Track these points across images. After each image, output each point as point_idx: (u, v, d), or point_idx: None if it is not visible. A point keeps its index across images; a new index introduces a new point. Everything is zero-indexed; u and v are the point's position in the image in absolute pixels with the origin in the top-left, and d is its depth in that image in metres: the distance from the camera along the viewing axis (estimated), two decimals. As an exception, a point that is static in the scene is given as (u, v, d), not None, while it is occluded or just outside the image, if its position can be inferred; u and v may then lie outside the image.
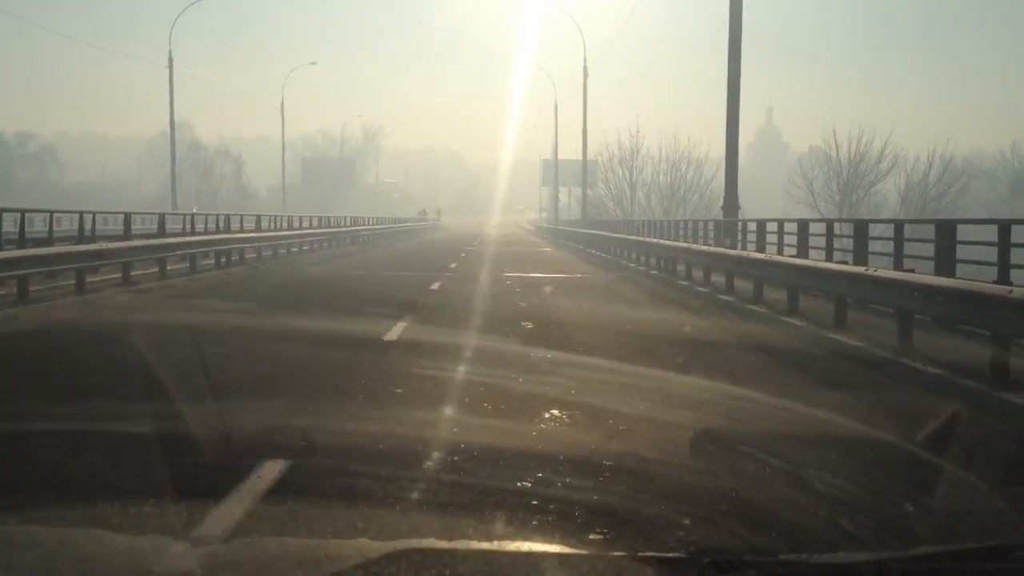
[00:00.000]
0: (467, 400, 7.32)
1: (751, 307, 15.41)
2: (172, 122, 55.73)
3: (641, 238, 32.63)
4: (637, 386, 7.99)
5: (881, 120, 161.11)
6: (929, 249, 13.79)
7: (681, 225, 33.36)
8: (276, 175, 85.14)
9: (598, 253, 36.76)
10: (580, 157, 62.19)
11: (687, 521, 4.09)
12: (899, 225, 15.43)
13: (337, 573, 1.57)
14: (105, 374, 8.37)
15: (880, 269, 11.43)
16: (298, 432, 5.91)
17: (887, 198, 66.05)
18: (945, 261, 13.07)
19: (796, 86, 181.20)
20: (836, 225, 19.13)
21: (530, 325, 12.70)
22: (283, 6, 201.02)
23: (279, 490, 4.62)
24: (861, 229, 16.31)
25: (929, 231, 14.36)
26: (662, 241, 28.35)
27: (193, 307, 15.40)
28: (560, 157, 74.00)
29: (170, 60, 53.14)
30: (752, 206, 47.26)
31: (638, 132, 75.79)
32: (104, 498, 4.23)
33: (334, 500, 4.40)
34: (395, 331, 11.36)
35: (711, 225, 28.93)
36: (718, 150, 29.63)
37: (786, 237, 20.98)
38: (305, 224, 44.51)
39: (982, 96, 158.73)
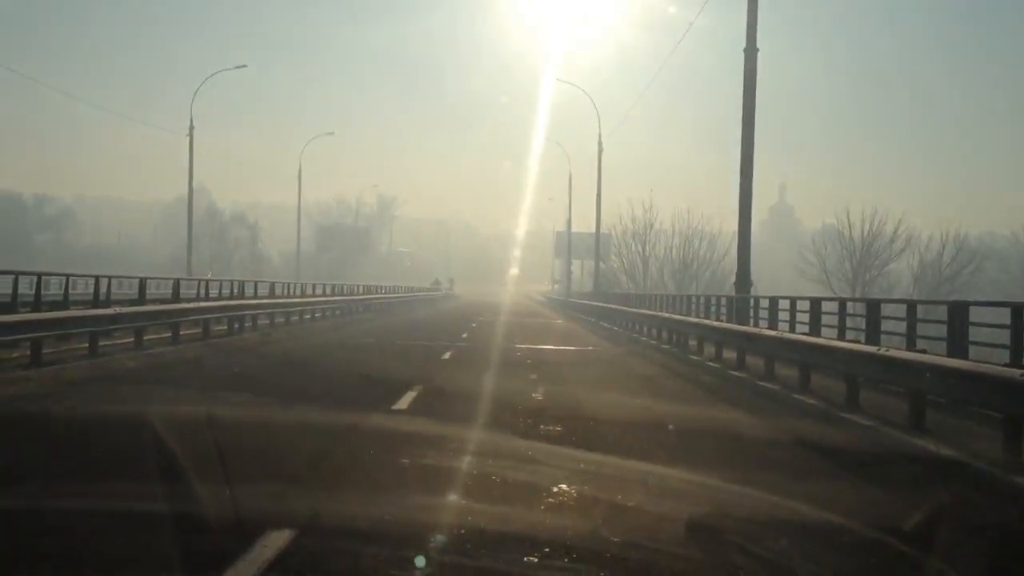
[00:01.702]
0: (470, 483, 7.16)
1: (762, 383, 15.34)
2: (191, 189, 56.41)
3: (652, 312, 32.66)
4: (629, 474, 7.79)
5: (894, 199, 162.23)
6: (942, 330, 13.78)
7: (693, 300, 33.41)
8: (290, 241, 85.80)
9: (609, 326, 36.75)
10: (593, 230, 62.48)
11: None
12: (911, 305, 15.43)
13: None
14: (113, 445, 8.24)
15: (892, 348, 11.39)
16: (303, 504, 5.88)
17: (900, 277, 66.27)
18: (957, 342, 13.05)
19: (809, 164, 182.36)
20: (849, 304, 19.13)
21: (540, 396, 12.69)
22: (303, 76, 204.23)
23: (283, 562, 4.60)
24: (874, 308, 16.32)
25: (942, 312, 14.36)
26: (673, 316, 28.40)
27: (202, 374, 15.42)
28: (573, 229, 74.37)
29: (191, 128, 54.00)
30: (763, 281, 47.35)
31: (651, 207, 76.48)
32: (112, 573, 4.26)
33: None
34: (404, 400, 11.35)
35: (723, 301, 28.96)
36: (731, 225, 29.83)
37: (798, 315, 20.99)
38: (319, 291, 44.68)
39: (994, 179, 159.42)
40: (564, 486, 6.79)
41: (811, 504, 6.58)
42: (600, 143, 56.05)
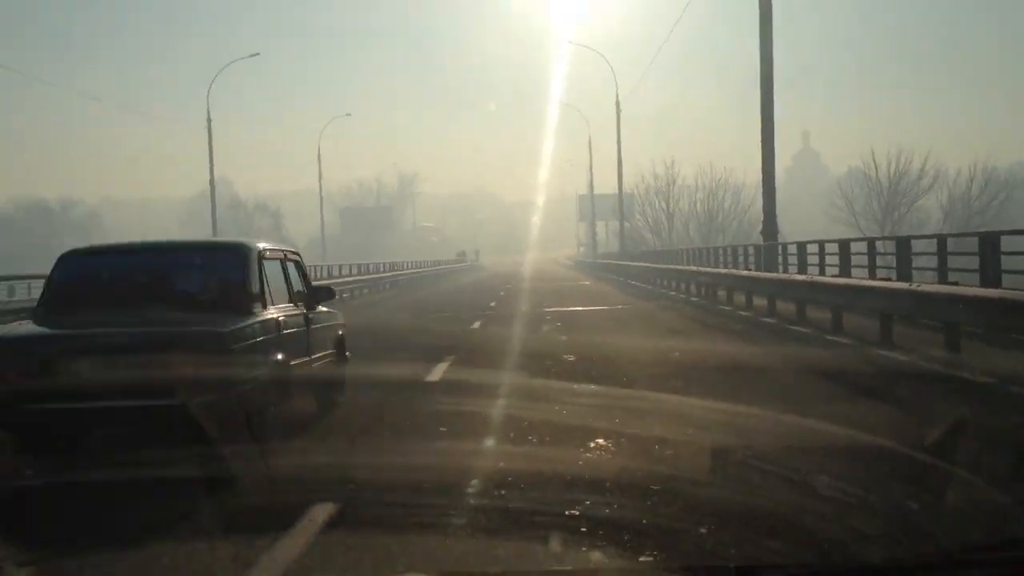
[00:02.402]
0: (511, 435, 7.25)
1: (795, 327, 15.22)
2: (212, 181, 56.66)
3: (680, 266, 32.49)
4: (681, 413, 7.92)
5: (919, 137, 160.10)
6: (974, 262, 13.58)
7: (720, 252, 33.18)
8: (315, 226, 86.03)
9: (638, 284, 36.63)
10: (615, 191, 62.17)
11: (706, 531, 4.31)
12: (942, 240, 15.19)
13: None
14: None
15: (923, 284, 11.23)
16: (348, 469, 6.01)
17: (930, 214, 65.36)
18: (990, 273, 12.85)
19: (833, 108, 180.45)
20: (879, 243, 18.91)
21: (572, 358, 12.62)
22: (316, 60, 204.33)
23: (331, 529, 4.65)
24: (904, 245, 16.10)
25: (973, 244, 14.14)
26: (701, 268, 28.23)
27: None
28: (596, 191, 73.99)
29: (208, 120, 54.09)
30: (793, 228, 46.94)
31: (673, 163, 75.82)
32: (155, 545, 4.28)
33: (386, 536, 4.47)
34: (437, 372, 11.31)
35: (751, 250, 28.75)
36: (755, 175, 29.53)
37: (828, 258, 20.77)
38: (345, 272, 44.68)
39: (1021, 108, 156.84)
40: (605, 428, 6.95)
41: (834, 424, 6.91)
42: (617, 104, 55.72)
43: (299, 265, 9.04)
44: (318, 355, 8.65)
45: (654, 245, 69.08)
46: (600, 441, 6.65)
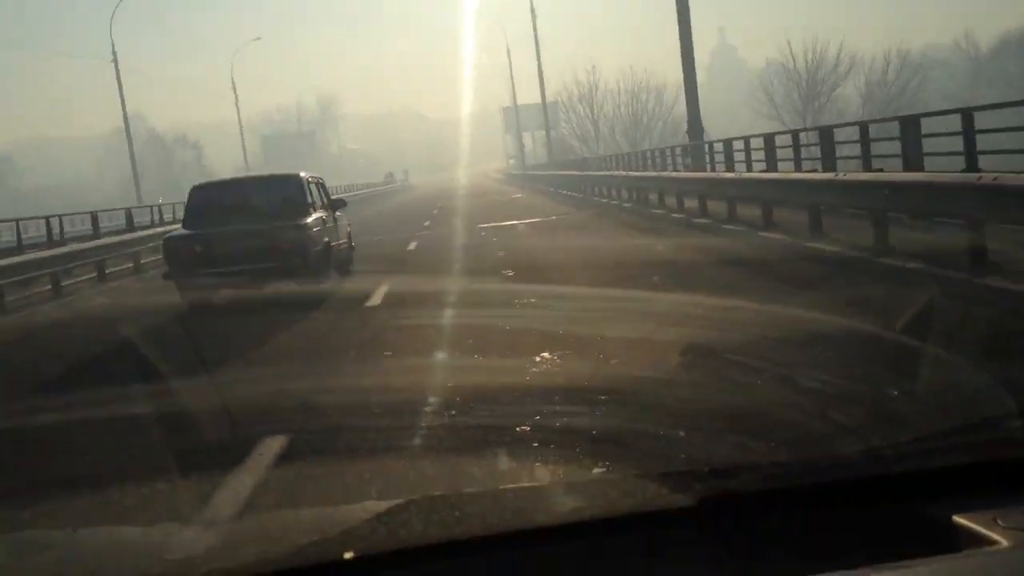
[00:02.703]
0: (458, 353, 7.31)
1: (727, 226, 15.47)
2: (125, 116, 55.22)
3: (609, 172, 32.62)
4: (623, 310, 8.06)
5: (834, 24, 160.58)
6: (897, 147, 13.80)
7: (648, 155, 33.34)
8: (237, 156, 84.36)
9: (569, 193, 36.73)
10: (540, 100, 61.83)
11: (684, 435, 4.27)
12: (864, 127, 15.42)
13: (349, 531, 1.60)
14: (103, 363, 8.69)
15: (849, 173, 11.45)
16: (297, 396, 6.00)
17: (849, 101, 66.14)
18: (912, 157, 13.10)
19: (745, 0, 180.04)
20: (803, 135, 19.14)
21: (511, 272, 12.70)
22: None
23: (284, 460, 4.62)
24: (827, 136, 16.31)
25: (895, 129, 14.35)
26: (630, 173, 28.39)
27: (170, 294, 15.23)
28: (520, 102, 73.53)
29: (114, 54, 52.47)
30: (717, 126, 47.09)
31: (594, 67, 75.55)
32: (109, 489, 4.22)
33: (338, 463, 4.44)
34: (376, 295, 11.28)
35: (678, 151, 28.92)
36: (676, 75, 29.53)
37: (754, 154, 20.98)
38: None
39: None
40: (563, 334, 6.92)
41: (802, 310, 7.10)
42: (532, 9, 55.07)
43: (323, 186, 14.59)
44: (342, 240, 14.34)
45: (582, 153, 69.06)
46: (557, 350, 6.63)
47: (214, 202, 13.21)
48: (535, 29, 55.82)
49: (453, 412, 5.19)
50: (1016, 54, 75.63)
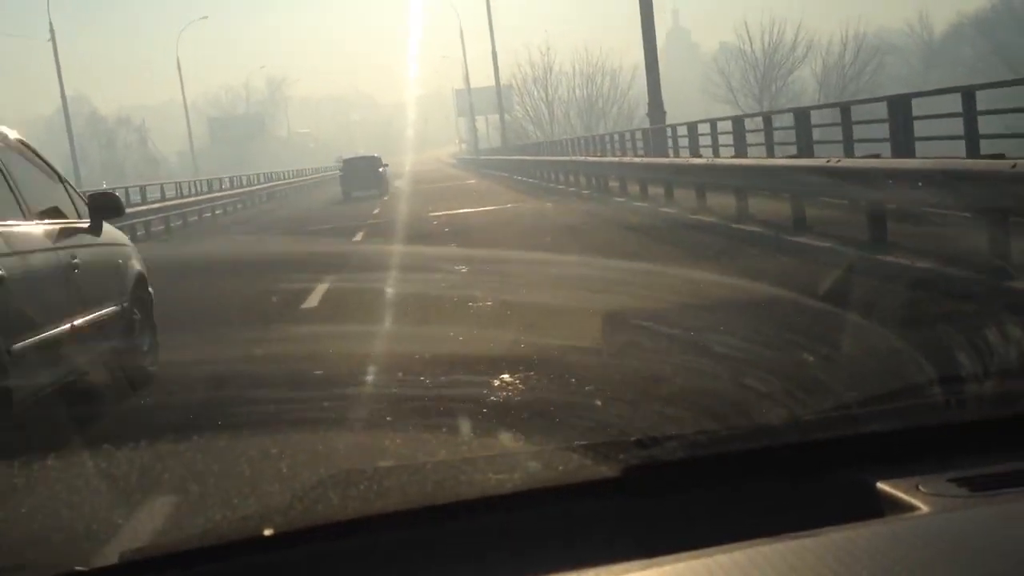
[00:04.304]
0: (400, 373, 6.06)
1: (696, 217, 14.30)
2: (63, 95, 53.35)
3: (567, 158, 31.39)
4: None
5: (788, 6, 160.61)
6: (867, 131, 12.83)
7: (607, 139, 32.18)
8: (184, 139, 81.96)
9: (524, 179, 35.45)
10: (492, 83, 60.47)
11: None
12: (845, 108, 14.26)
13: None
14: None
15: (842, 159, 10.20)
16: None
17: (805, 85, 65.44)
18: (903, 143, 12.05)
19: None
20: (774, 118, 18.05)
21: (464, 268, 11.45)
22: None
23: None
24: (802, 119, 15.21)
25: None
26: (589, 159, 27.13)
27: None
28: (473, 85, 72.01)
29: (51, 31, 50.43)
30: (672, 110, 46.16)
31: (548, 49, 74.10)
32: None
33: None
34: (315, 297, 9.99)
35: (639, 135, 27.80)
36: (631, 58, 28.58)
37: (720, 138, 19.90)
38: (216, 187, 41.94)
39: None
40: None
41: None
42: (487, -11, 53.67)
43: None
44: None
45: (536, 137, 67.78)
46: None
47: None
48: (489, 10, 54.45)
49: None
50: (971, 37, 75.52)
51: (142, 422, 4.77)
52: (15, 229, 5.14)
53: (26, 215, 5.42)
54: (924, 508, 1.41)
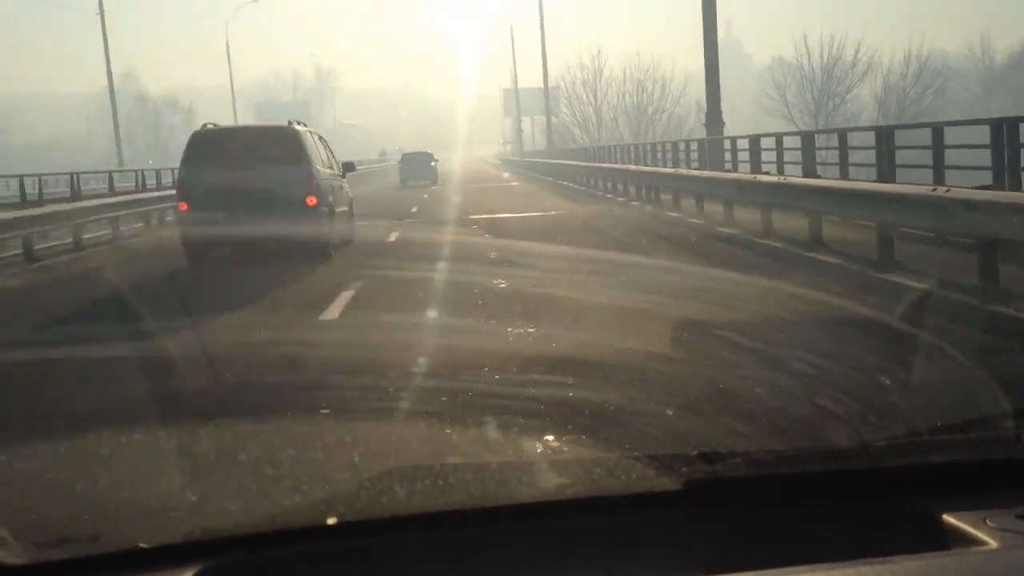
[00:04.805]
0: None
1: (763, 241, 13.00)
2: (109, 73, 52.83)
3: (619, 166, 30.10)
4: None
5: (848, 23, 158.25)
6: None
7: (659, 148, 30.88)
8: (229, 122, 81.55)
9: (569, 184, 34.21)
10: (541, 84, 59.31)
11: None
12: (938, 129, 12.88)
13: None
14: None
15: (954, 188, 8.76)
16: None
17: (864, 104, 63.56)
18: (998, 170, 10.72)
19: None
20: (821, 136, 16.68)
21: (503, 284, 10.24)
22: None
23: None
24: (887, 137, 13.86)
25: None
26: (643, 168, 25.83)
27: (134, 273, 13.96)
28: (521, 85, 70.90)
29: (100, 6, 49.99)
30: (724, 120, 44.80)
31: (599, 52, 72.84)
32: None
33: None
34: (335, 308, 8.90)
35: (693, 145, 26.51)
36: (684, 64, 27.44)
37: (787, 154, 18.58)
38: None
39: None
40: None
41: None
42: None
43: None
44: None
45: (582, 141, 66.42)
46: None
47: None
48: (541, 9, 53.32)
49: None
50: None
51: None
52: (334, 174, 14.76)
53: (334, 169, 14.90)
54: (992, 543, 1.38)
